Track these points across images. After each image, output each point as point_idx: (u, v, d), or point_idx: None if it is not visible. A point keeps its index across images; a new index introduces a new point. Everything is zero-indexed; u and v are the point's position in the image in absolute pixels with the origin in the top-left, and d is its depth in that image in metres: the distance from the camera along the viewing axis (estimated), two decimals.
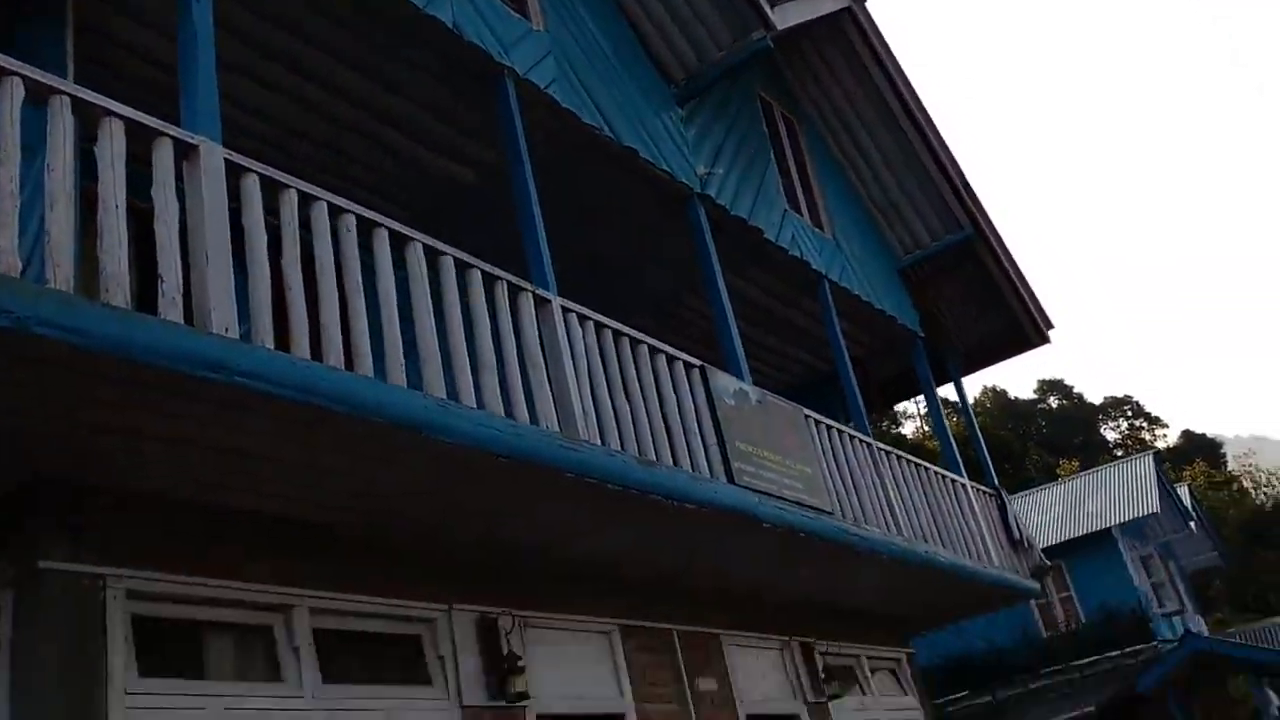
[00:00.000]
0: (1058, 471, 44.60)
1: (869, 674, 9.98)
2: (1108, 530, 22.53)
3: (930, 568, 9.08)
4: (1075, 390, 71.44)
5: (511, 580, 6.39)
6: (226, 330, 4.04)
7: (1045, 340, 12.53)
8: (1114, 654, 21.26)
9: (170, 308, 3.94)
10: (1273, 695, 19.43)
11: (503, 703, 5.83)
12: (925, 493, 9.80)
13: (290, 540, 5.17)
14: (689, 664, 7.63)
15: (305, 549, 5.22)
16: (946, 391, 13.11)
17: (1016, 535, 11.14)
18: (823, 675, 8.96)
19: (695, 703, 7.49)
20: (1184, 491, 26.71)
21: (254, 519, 5.01)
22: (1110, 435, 69.08)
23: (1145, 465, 24.35)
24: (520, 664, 5.88)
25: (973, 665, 22.66)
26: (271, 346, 4.21)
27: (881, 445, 9.52)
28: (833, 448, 8.53)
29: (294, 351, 4.32)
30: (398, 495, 5.29)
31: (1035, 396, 70.09)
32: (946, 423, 12.11)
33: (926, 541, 9.22)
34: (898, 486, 9.31)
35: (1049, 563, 12.11)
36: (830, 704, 8.97)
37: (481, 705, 5.76)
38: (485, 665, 5.88)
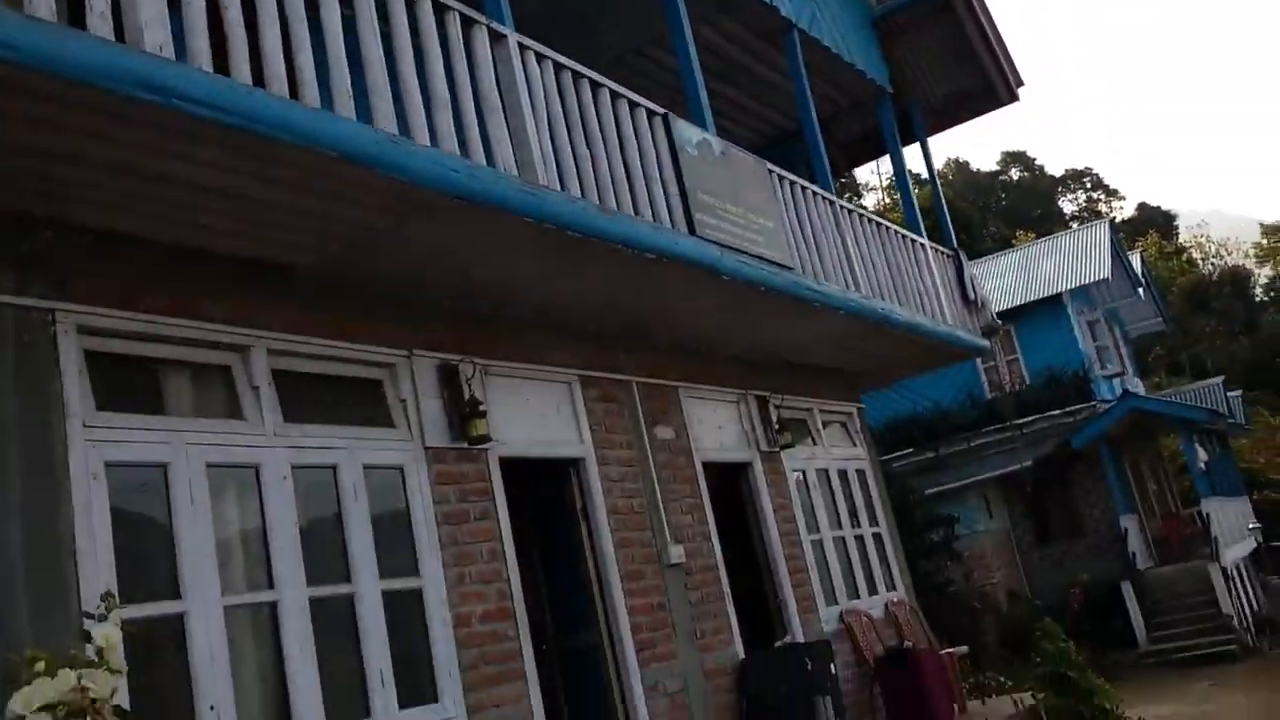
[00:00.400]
0: (1014, 243, 45.12)
1: (820, 427, 10.34)
2: (1058, 295, 23.04)
3: (886, 324, 9.23)
4: (1037, 162, 71.34)
5: (473, 327, 6.40)
6: (161, 49, 3.78)
7: (1014, 98, 12.28)
8: (1054, 413, 22.23)
9: (100, 23, 3.66)
10: (1200, 450, 20.58)
11: (464, 444, 5.96)
12: (884, 251, 9.83)
13: (248, 280, 5.08)
14: (647, 414, 7.82)
15: (263, 289, 5.15)
16: (913, 157, 12.96)
17: (971, 295, 11.32)
18: (776, 426, 9.27)
19: (653, 450, 7.74)
20: (1135, 258, 27.19)
21: (210, 258, 4.90)
22: (1068, 208, 69.59)
23: (1100, 232, 24.64)
24: (481, 409, 5.97)
25: (919, 424, 23.65)
26: (210, 70, 3.95)
27: (843, 203, 9.45)
28: (795, 203, 8.45)
29: (234, 78, 4.07)
30: (354, 238, 5.17)
31: (997, 168, 69.95)
32: (910, 182, 12.02)
33: (884, 299, 9.33)
34: (858, 244, 9.32)
35: (1000, 322, 12.37)
36: (783, 453, 9.33)
37: (444, 447, 5.89)
38: (447, 409, 5.97)
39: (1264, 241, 59.55)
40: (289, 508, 4.95)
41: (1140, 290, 26.38)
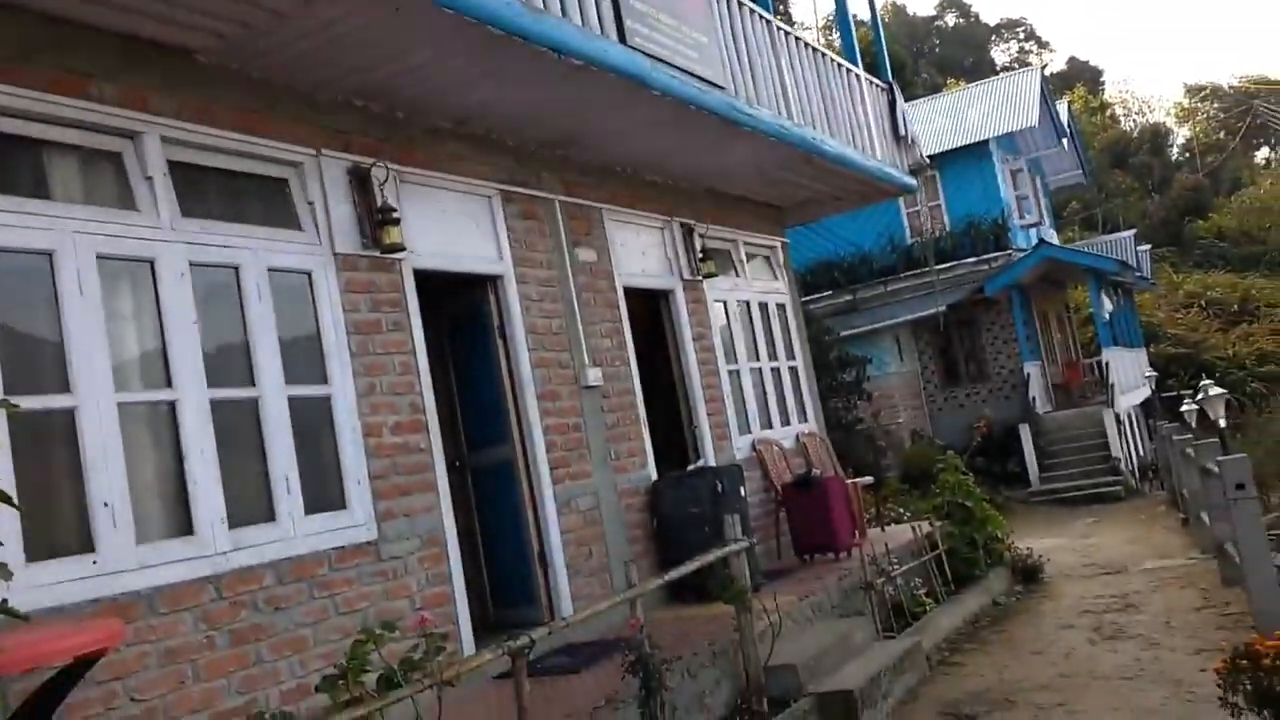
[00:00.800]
0: (945, 90, 44.77)
1: (744, 259, 10.26)
2: (985, 142, 23.01)
3: (817, 155, 9.06)
4: (973, 9, 70.29)
5: (388, 131, 6.07)
6: None
7: None
8: (971, 260, 22.54)
9: None
10: (1106, 300, 21.17)
11: (377, 253, 5.72)
12: (819, 79, 9.57)
13: (143, 62, 4.69)
14: (569, 234, 7.62)
15: (160, 73, 4.77)
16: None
17: (902, 131, 11.17)
18: (700, 255, 9.16)
19: (574, 271, 7.58)
20: (1062, 108, 27.19)
21: (102, 35, 4.50)
22: (1000, 58, 69.02)
23: (1031, 79, 24.48)
24: (395, 216, 5.71)
25: (839, 267, 23.83)
26: None
27: (781, 24, 9.10)
28: (730, 19, 8.09)
29: None
30: (258, 20, 4.76)
31: (934, 13, 68.79)
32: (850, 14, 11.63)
33: (816, 128, 9.13)
34: (793, 69, 9.03)
35: (928, 160, 12.28)
36: (705, 282, 9.26)
37: (355, 254, 5.65)
38: (358, 214, 5.70)
39: (1185, 101, 60.19)
40: (187, 305, 4.71)
41: (1065, 141, 26.51)
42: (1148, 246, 30.78)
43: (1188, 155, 57.26)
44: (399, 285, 5.90)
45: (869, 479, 10.70)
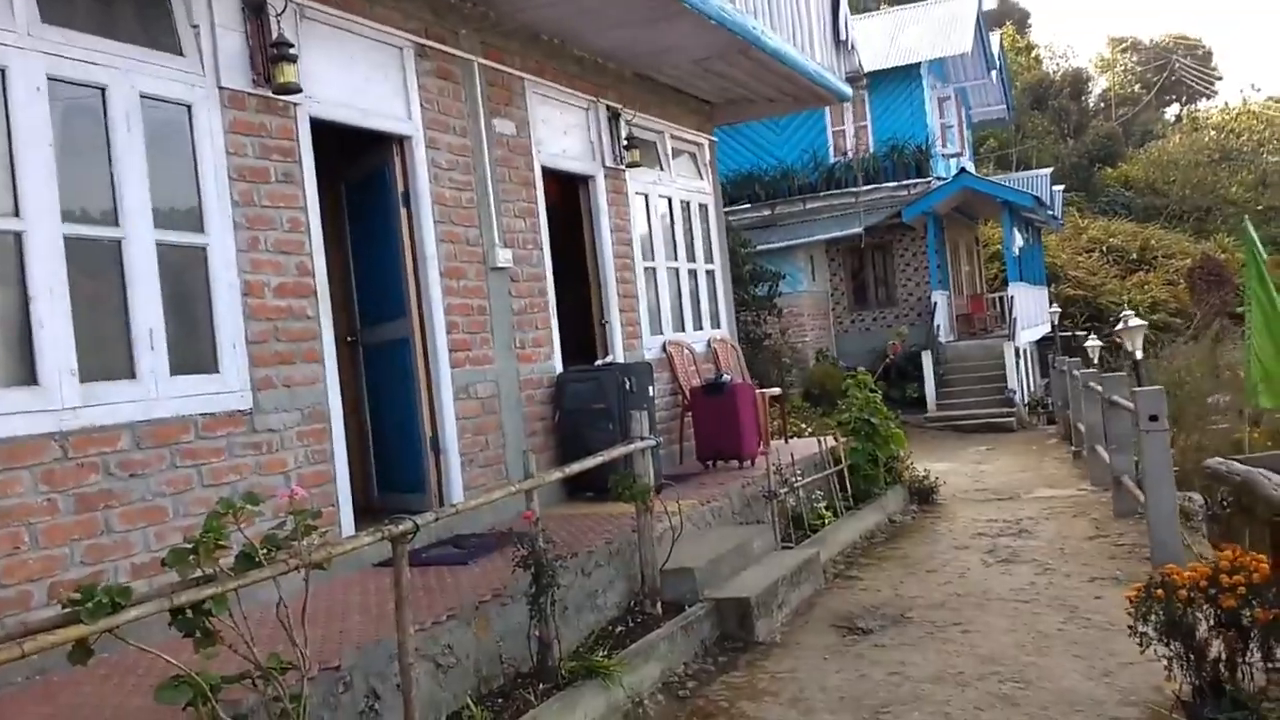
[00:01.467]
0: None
1: (670, 153, 9.81)
2: (917, 65, 22.74)
3: (755, 46, 8.59)
4: None
5: None
6: None
7: None
8: (891, 185, 22.44)
9: None
10: (1017, 235, 21.34)
11: (268, 92, 5.12)
12: None
13: None
14: (487, 102, 7.06)
15: None
16: None
17: (843, 35, 10.74)
18: (625, 143, 8.68)
19: (490, 143, 7.04)
20: (994, 39, 27.04)
21: None
22: None
23: (966, 6, 24.16)
24: (292, 52, 5.10)
25: (760, 181, 23.50)
26: None
27: None
28: None
29: None
30: None
31: None
32: None
33: (758, 18, 8.64)
34: None
35: (863, 68, 11.91)
36: (628, 172, 8.81)
37: (243, 91, 5.04)
38: (250, 47, 5.08)
39: (1107, 52, 60.84)
40: (43, 125, 4.11)
41: (994, 74, 26.42)
42: (1060, 187, 31.16)
43: (1103, 105, 58.14)
44: (292, 132, 5.32)
45: (776, 390, 10.53)
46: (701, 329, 10.07)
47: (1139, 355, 7.12)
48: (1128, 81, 59.42)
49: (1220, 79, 60.91)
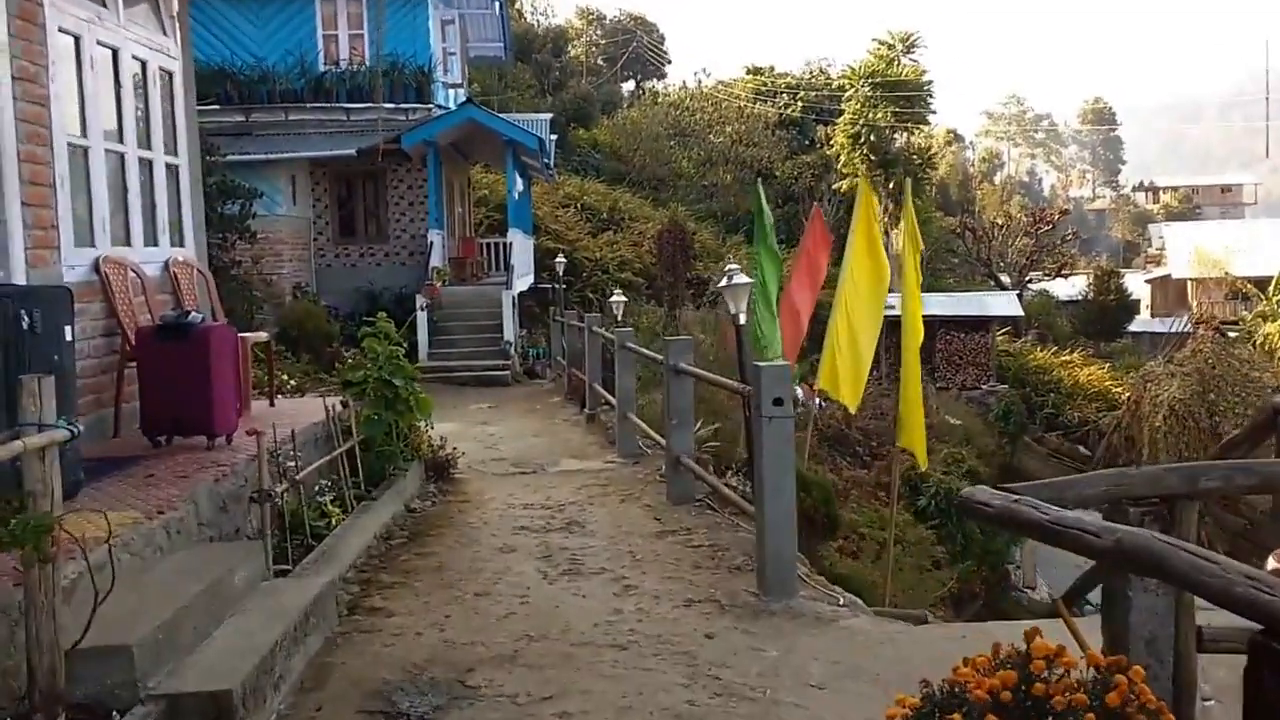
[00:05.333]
0: None
1: None
2: None
3: None
4: None
5: None
6: None
7: None
8: (389, 106, 20.16)
9: None
10: (519, 179, 20.28)
11: None
12: None
13: None
14: None
15: None
16: None
17: None
18: None
19: None
20: None
21: None
22: None
23: None
24: None
25: (234, 79, 19.93)
26: None
27: None
28: None
29: None
30: None
31: None
32: None
33: None
34: None
35: None
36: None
37: None
38: None
39: (576, 21, 63.32)
40: None
41: (496, 6, 25.14)
42: (555, 137, 31.01)
43: (580, 65, 60.48)
44: None
45: (263, 335, 8.01)
46: (157, 245, 7.23)
47: (742, 320, 6.02)
48: (592, 53, 62.37)
49: (671, 62, 66.33)
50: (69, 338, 4.61)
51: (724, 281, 5.51)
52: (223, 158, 15.67)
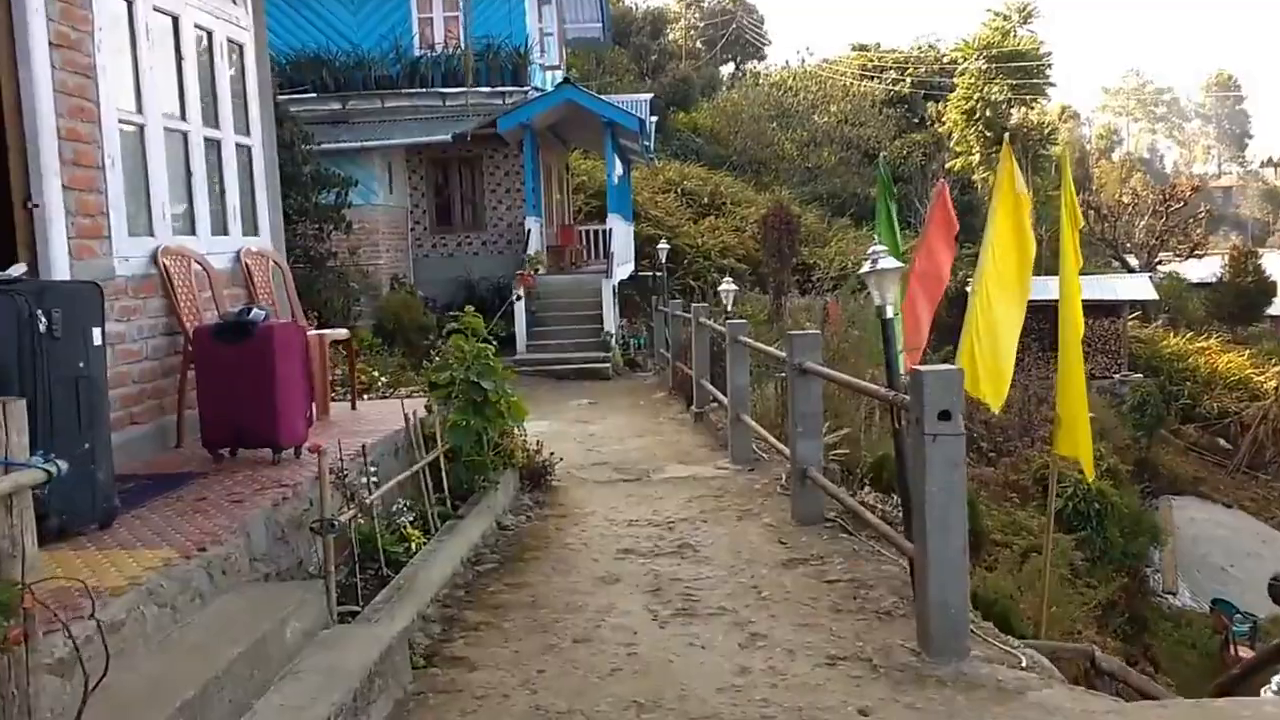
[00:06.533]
0: None
1: None
2: None
3: None
4: None
5: None
6: None
7: None
8: (485, 90, 19.60)
9: None
10: (618, 163, 19.49)
11: None
12: None
13: None
14: None
15: None
16: None
17: None
18: None
19: None
20: None
21: None
22: None
23: None
24: None
25: (329, 66, 19.58)
26: None
27: None
28: None
29: None
30: None
31: None
32: None
33: None
34: None
35: None
36: None
37: None
38: None
39: (673, 3, 62.15)
40: None
41: None
42: (655, 118, 30.11)
43: (679, 48, 59.40)
44: None
45: (342, 332, 7.33)
46: (227, 234, 6.60)
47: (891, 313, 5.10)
48: (691, 36, 61.16)
49: (770, 43, 64.81)
50: (98, 341, 3.92)
51: (867, 265, 4.50)
52: (317, 146, 15.19)
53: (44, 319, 3.67)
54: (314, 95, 19.09)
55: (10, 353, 3.58)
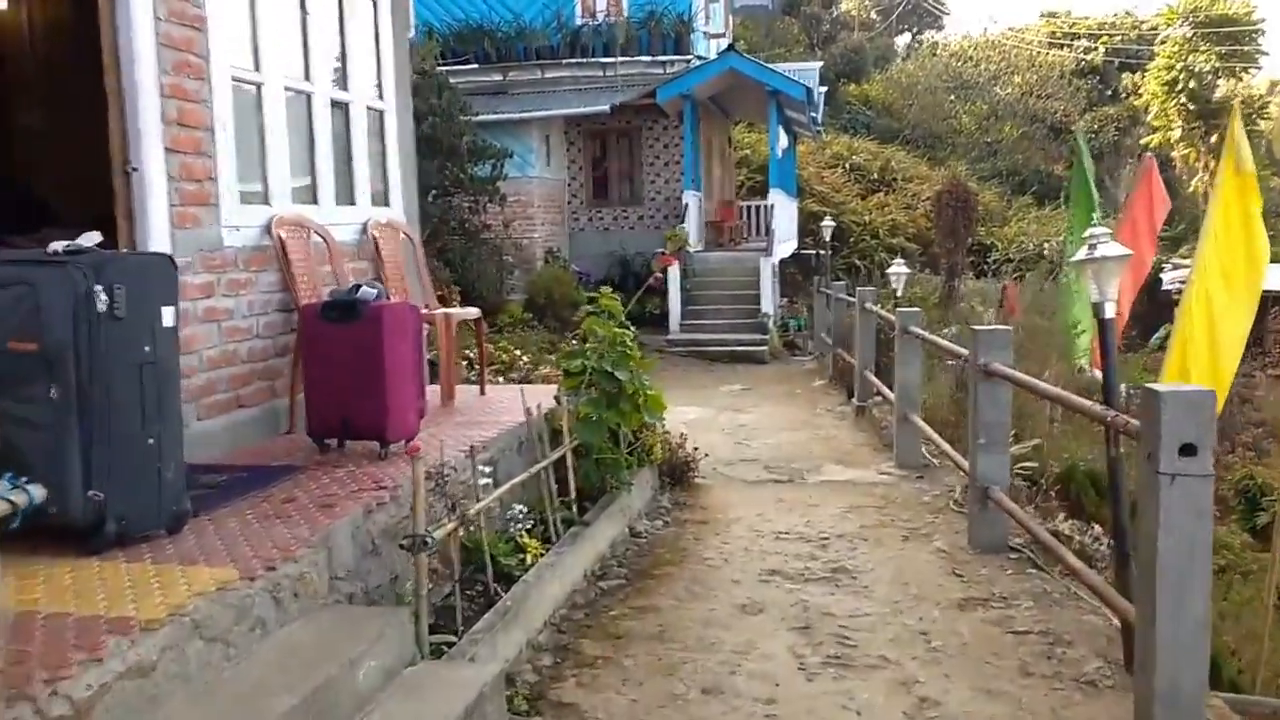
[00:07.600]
0: None
1: None
2: None
3: None
4: None
5: None
6: None
7: None
8: (646, 59, 18.97)
9: None
10: (783, 134, 18.55)
11: None
12: None
13: None
14: None
15: None
16: None
17: None
18: None
19: None
20: None
21: None
22: None
23: None
24: None
25: (491, 38, 19.33)
26: None
27: None
28: None
29: None
30: None
31: None
32: None
33: None
34: None
35: None
36: None
37: None
38: None
39: None
40: None
41: None
42: (825, 89, 28.87)
43: (853, 17, 57.31)
44: None
45: (473, 311, 6.80)
46: (353, 204, 6.15)
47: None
48: (865, 7, 58.87)
49: (949, 13, 61.72)
50: (169, 322, 3.43)
51: (1083, 252, 3.59)
52: (474, 115, 14.90)
53: (104, 296, 3.20)
54: (475, 66, 18.90)
55: (62, 335, 3.12)
